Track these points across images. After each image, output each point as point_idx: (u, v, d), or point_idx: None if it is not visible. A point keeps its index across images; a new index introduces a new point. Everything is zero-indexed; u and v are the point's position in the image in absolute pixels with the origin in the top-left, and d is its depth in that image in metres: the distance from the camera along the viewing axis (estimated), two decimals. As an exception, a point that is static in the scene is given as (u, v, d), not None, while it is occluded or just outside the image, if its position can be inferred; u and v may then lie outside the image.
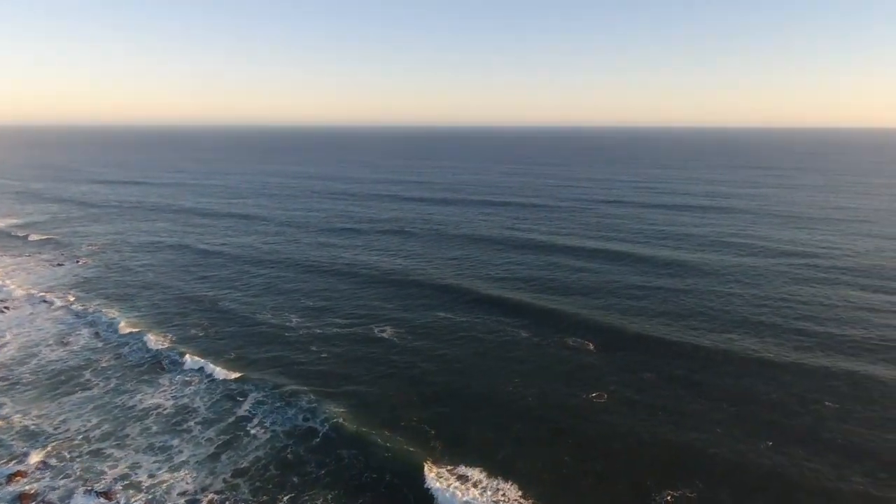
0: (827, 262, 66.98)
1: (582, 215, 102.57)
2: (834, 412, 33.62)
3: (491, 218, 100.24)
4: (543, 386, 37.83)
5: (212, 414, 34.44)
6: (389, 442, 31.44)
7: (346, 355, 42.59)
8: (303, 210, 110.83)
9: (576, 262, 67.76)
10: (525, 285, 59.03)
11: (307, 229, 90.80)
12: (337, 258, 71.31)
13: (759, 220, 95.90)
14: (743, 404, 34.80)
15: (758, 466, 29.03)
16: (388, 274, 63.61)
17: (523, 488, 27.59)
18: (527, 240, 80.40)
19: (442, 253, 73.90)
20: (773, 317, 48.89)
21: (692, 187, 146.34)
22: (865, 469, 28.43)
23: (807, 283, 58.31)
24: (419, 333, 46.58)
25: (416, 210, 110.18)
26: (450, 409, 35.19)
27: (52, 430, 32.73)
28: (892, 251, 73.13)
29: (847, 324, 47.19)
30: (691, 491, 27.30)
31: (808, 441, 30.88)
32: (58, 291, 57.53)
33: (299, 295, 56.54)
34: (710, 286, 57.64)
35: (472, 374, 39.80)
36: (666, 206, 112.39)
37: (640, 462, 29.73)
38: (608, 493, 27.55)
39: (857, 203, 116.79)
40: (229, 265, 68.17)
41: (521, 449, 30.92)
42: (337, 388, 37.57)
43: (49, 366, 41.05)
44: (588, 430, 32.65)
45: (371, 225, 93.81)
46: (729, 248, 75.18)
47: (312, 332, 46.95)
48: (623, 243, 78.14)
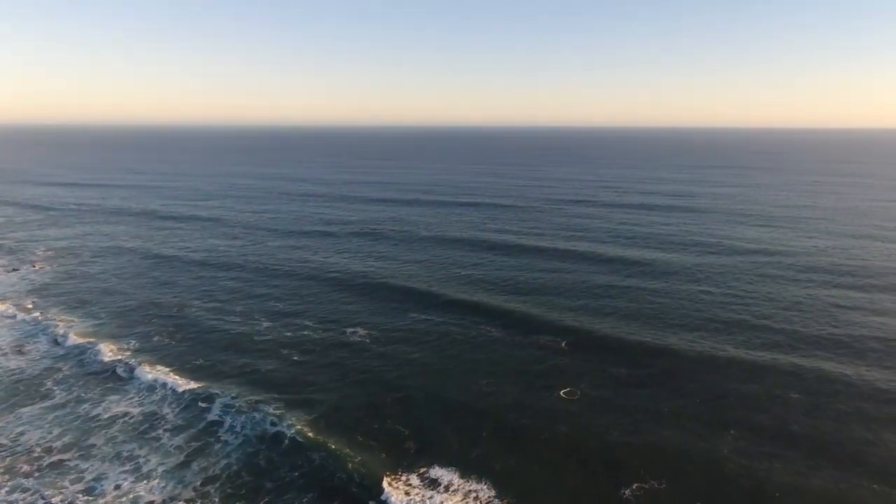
0: (788, 259, 69.32)
1: (552, 215, 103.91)
2: (800, 407, 34.59)
3: (462, 219, 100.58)
4: (517, 385, 38.22)
5: (180, 421, 33.69)
6: (362, 445, 31.30)
7: (316, 360, 42.10)
8: (271, 212, 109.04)
9: (546, 263, 68.46)
10: (496, 287, 59.40)
11: (275, 232, 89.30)
12: (306, 261, 70.39)
13: (723, 219, 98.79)
14: (711, 401, 35.69)
15: (726, 459, 29.94)
16: (358, 277, 63.06)
17: (497, 487, 27.84)
18: (498, 241, 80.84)
19: (413, 255, 73.68)
20: (738, 314, 50.24)
21: (659, 187, 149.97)
22: (832, 462, 29.28)
23: (770, 281, 60.16)
24: (391, 336, 46.44)
25: (386, 211, 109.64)
26: (423, 410, 35.24)
27: (9, 442, 31.49)
28: (848, 248, 76.32)
29: (809, 320, 48.67)
30: (660, 483, 28.06)
31: (775, 436, 31.77)
32: (13, 298, 55.36)
33: (268, 300, 55.49)
34: (677, 285, 59.04)
35: (444, 375, 39.92)
36: (633, 206, 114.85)
37: (612, 457, 30.36)
38: (581, 487, 28.07)
39: (813, 201, 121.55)
40: (194, 270, 66.50)
41: (495, 448, 31.17)
42: (308, 394, 37.14)
43: (5, 376, 39.48)
44: (561, 427, 33.12)
45: (341, 227, 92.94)
46: (694, 247, 77.15)
47: (282, 337, 46.30)
48: (592, 243, 79.46)
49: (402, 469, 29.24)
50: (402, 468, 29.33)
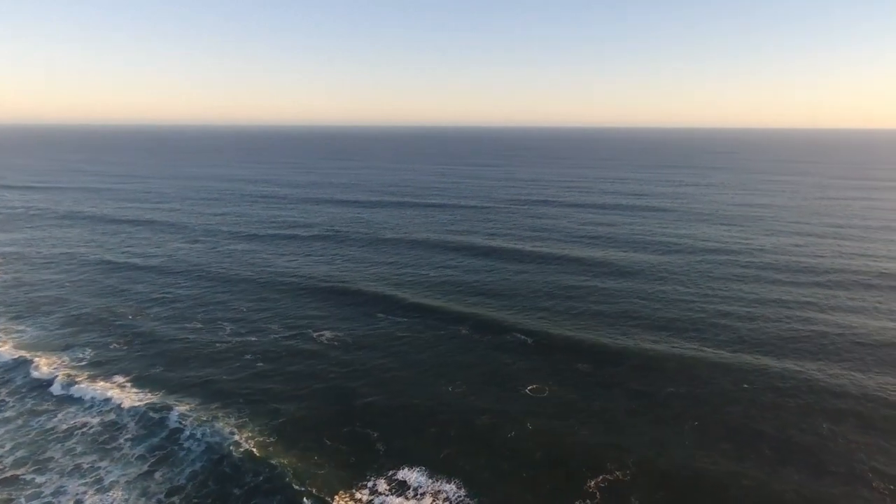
0: (746, 258, 71.77)
1: (517, 216, 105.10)
2: (761, 404, 35.77)
3: (429, 220, 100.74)
4: (484, 385, 38.74)
5: (142, 430, 32.86)
6: (331, 449, 31.23)
7: (281, 366, 41.47)
8: (233, 215, 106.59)
9: (513, 265, 69.05)
10: (463, 289, 59.63)
11: (238, 235, 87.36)
12: (270, 266, 69.05)
13: (684, 218, 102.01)
14: (674, 397, 36.81)
15: (688, 453, 31.17)
16: (323, 281, 62.23)
17: (466, 487, 28.21)
18: (464, 243, 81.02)
19: (379, 257, 73.27)
20: (699, 313, 51.51)
21: (621, 186, 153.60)
22: (793, 457, 30.27)
23: (729, 280, 62.14)
24: (357, 341, 46.21)
25: (352, 213, 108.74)
26: (391, 413, 35.30)
27: (-44, 459, 30.16)
28: (802, 246, 79.89)
29: (768, 318, 50.13)
30: (624, 475, 29.03)
31: (735, 431, 32.82)
32: (-42, 308, 52.81)
33: (229, 306, 54.12)
34: (640, 285, 60.29)
35: (412, 377, 40.09)
36: (597, 206, 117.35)
37: (578, 451, 31.17)
38: (548, 481, 28.71)
39: (769, 200, 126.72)
40: (152, 276, 64.32)
41: (464, 448, 31.54)
42: (273, 400, 36.67)
43: (-49, 390, 37.69)
44: (528, 424, 33.77)
45: (305, 230, 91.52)
46: (656, 246, 79.27)
47: (245, 344, 45.52)
48: (557, 244, 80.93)
49: (370, 472, 29.30)
50: (371, 471, 29.38)
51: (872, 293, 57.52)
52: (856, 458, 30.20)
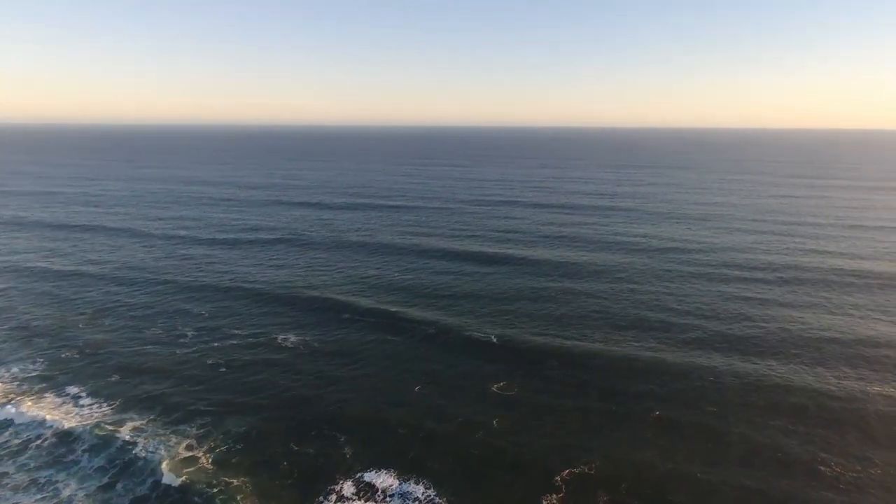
0: (704, 257, 73.95)
1: (482, 218, 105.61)
2: (716, 401, 36.72)
3: (393, 222, 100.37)
4: (451, 385, 39.00)
5: (99, 442, 31.80)
6: (298, 454, 30.94)
7: (244, 373, 40.75)
8: (192, 218, 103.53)
9: (476, 267, 68.98)
10: (428, 291, 59.51)
11: (196, 240, 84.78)
12: (230, 272, 67.05)
13: (644, 218, 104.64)
14: (637, 396, 37.74)
15: (650, 448, 32.21)
16: (286, 286, 60.86)
17: (434, 486, 28.37)
18: (428, 245, 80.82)
19: (343, 262, 72.24)
20: (660, 312, 52.61)
21: (584, 186, 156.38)
22: (742, 455, 31.19)
23: (688, 278, 63.92)
24: (323, 346, 45.76)
25: (314, 216, 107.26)
26: (358, 416, 35.13)
27: None
28: (755, 244, 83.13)
29: (725, 316, 51.41)
30: (589, 468, 29.72)
31: (694, 429, 33.67)
32: None
33: (188, 314, 52.57)
34: (602, 285, 61.19)
35: (378, 380, 40.02)
36: (560, 206, 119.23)
37: (545, 446, 31.73)
38: (516, 476, 29.12)
39: (725, 199, 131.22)
40: (105, 285, 61.71)
41: (431, 448, 31.69)
42: (237, 407, 36.14)
43: None
44: (495, 421, 34.19)
45: (267, 233, 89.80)
46: (618, 246, 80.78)
47: (206, 352, 44.56)
48: (521, 245, 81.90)
49: (338, 476, 29.12)
50: (339, 475, 29.20)
51: (827, 290, 59.75)
52: (816, 453, 31.42)
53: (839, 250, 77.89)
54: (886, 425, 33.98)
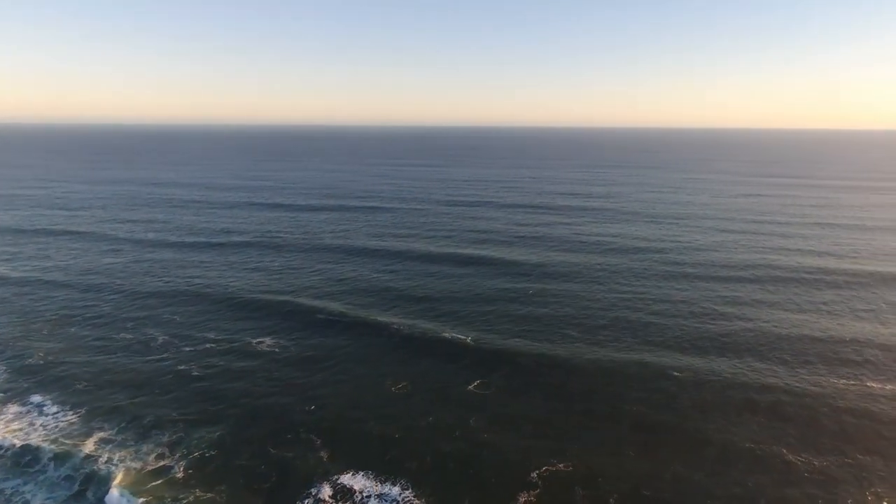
0: (674, 256, 75.23)
1: (455, 219, 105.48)
2: (689, 400, 37.23)
3: (366, 224, 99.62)
4: (427, 386, 39.00)
5: (65, 451, 30.89)
6: (275, 457, 30.61)
7: (217, 380, 39.95)
8: (160, 222, 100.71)
9: (453, 269, 68.36)
10: (401, 294, 58.91)
11: (164, 245, 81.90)
12: (199, 277, 65.16)
13: (615, 218, 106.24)
14: (610, 396, 38.15)
15: (626, 445, 32.75)
16: (259, 290, 59.78)
17: (412, 487, 28.36)
18: (402, 247, 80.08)
19: (316, 265, 70.90)
20: (631, 313, 52.99)
21: (556, 187, 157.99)
22: (718, 451, 31.49)
23: (659, 279, 64.79)
24: (297, 349, 45.23)
25: (286, 218, 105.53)
26: (334, 419, 34.91)
27: None
28: (722, 243, 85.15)
29: (697, 316, 52.01)
30: (566, 466, 30.06)
31: (668, 429, 34.00)
32: None
33: (158, 320, 51.25)
34: (574, 287, 61.20)
35: (354, 382, 39.80)
36: (533, 207, 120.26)
37: (521, 444, 31.99)
38: (493, 474, 29.28)
39: (692, 198, 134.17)
40: (70, 292, 59.49)
41: (409, 448, 31.67)
42: (211, 414, 35.55)
43: None
44: (472, 421, 34.35)
45: (239, 237, 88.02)
46: (589, 247, 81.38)
47: (177, 357, 43.73)
48: (494, 246, 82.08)
49: (316, 479, 28.88)
50: (316, 478, 28.97)
51: (796, 287, 61.14)
52: (789, 449, 32.24)
53: (806, 248, 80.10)
54: (858, 419, 34.79)
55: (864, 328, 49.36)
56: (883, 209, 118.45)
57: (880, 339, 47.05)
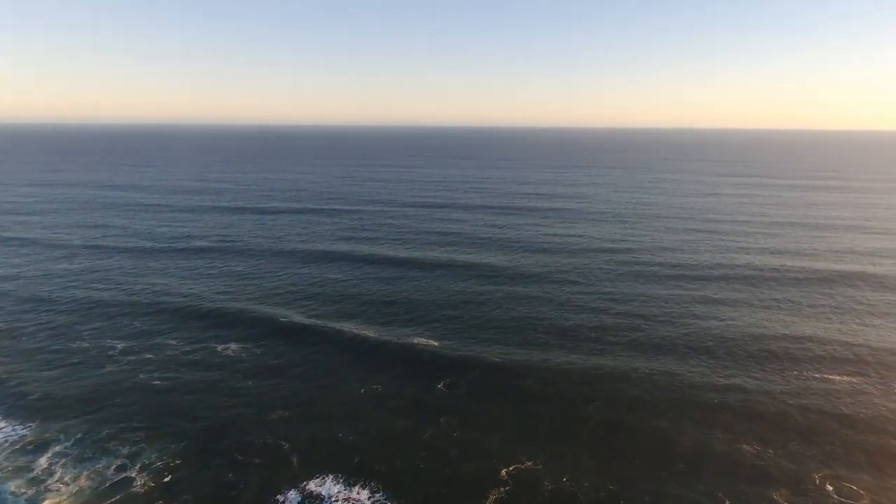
0: (643, 256, 76.23)
1: (421, 221, 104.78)
2: (653, 399, 38.10)
3: (332, 228, 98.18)
4: (396, 389, 38.89)
5: (19, 466, 29.60)
6: (243, 464, 29.95)
7: (180, 387, 39.06)
8: (115, 227, 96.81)
9: (416, 273, 67.50)
10: (368, 298, 58.26)
11: (121, 252, 78.73)
12: (158, 284, 62.75)
13: (581, 219, 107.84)
14: (575, 396, 38.90)
15: (591, 440, 33.33)
16: (221, 298, 58.02)
17: (382, 489, 28.18)
18: (367, 251, 78.89)
19: (280, 270, 68.99)
20: (598, 314, 53.55)
21: (523, 188, 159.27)
22: (674, 454, 31.94)
23: (625, 280, 65.75)
24: (264, 354, 44.43)
25: (248, 222, 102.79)
26: (303, 421, 34.50)
27: None
28: (685, 242, 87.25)
29: (659, 317, 52.68)
30: (535, 463, 30.34)
31: (628, 431, 34.77)
32: None
33: (117, 326, 49.79)
34: (540, 289, 61.08)
35: (323, 385, 39.44)
36: (501, 208, 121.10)
37: (490, 442, 32.19)
38: (463, 473, 29.34)
39: (653, 198, 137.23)
40: (21, 301, 56.69)
41: (379, 450, 31.47)
42: (173, 422, 34.62)
43: None
44: (441, 419, 34.40)
45: (199, 242, 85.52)
46: (555, 248, 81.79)
47: (138, 364, 42.53)
48: (461, 249, 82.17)
49: (284, 485, 28.38)
50: (285, 483, 28.46)
51: (753, 285, 62.87)
52: (741, 444, 33.57)
53: (767, 247, 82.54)
54: (804, 415, 35.95)
55: (824, 325, 50.64)
56: (837, 208, 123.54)
57: (838, 335, 48.50)
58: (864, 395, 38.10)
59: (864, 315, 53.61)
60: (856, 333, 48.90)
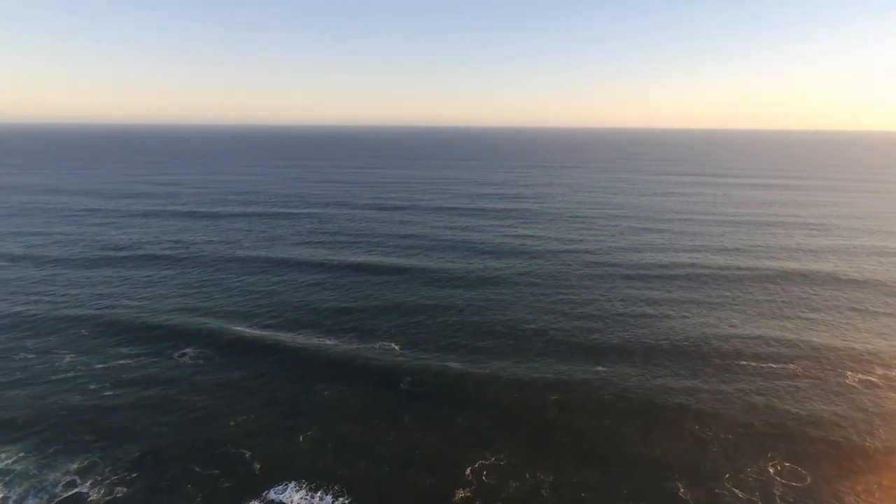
0: (598, 257, 77.43)
1: (377, 224, 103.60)
2: (599, 400, 39.46)
3: (289, 232, 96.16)
4: (358, 389, 38.66)
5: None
6: (201, 476, 29.12)
7: (134, 397, 37.88)
8: (58, 235, 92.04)
9: (378, 278, 66.08)
10: (326, 306, 57.43)
11: (61, 262, 74.53)
12: (105, 297, 59.56)
13: (539, 220, 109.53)
14: (533, 397, 39.83)
15: (549, 441, 33.69)
16: (172, 308, 55.71)
17: (348, 492, 27.98)
18: (324, 258, 77.67)
19: (235, 278, 66.28)
20: (555, 316, 54.62)
21: (481, 188, 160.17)
22: (625, 451, 33.48)
23: (583, 281, 66.80)
24: (221, 363, 43.39)
25: (201, 227, 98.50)
26: (263, 429, 33.84)
27: None
28: (645, 243, 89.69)
29: (615, 320, 53.71)
30: (499, 459, 30.76)
31: (585, 426, 36.36)
32: None
33: (65, 335, 47.74)
34: (497, 293, 60.92)
35: (284, 391, 38.76)
36: (459, 210, 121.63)
37: (457, 438, 32.52)
38: (427, 475, 29.43)
39: (609, 199, 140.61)
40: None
41: (341, 454, 31.23)
42: (127, 434, 33.44)
43: None
44: (405, 419, 34.41)
45: (151, 249, 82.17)
46: (516, 251, 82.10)
47: (87, 375, 40.87)
48: (422, 253, 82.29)
49: (246, 494, 27.78)
50: (247, 493, 27.85)
51: (702, 285, 64.90)
52: (702, 463, 34.61)
53: (714, 246, 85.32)
54: (752, 411, 37.92)
55: (767, 322, 52.62)
56: (778, 206, 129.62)
57: (782, 331, 50.63)
58: (808, 390, 39.77)
59: (806, 311, 56.25)
60: (801, 330, 50.74)
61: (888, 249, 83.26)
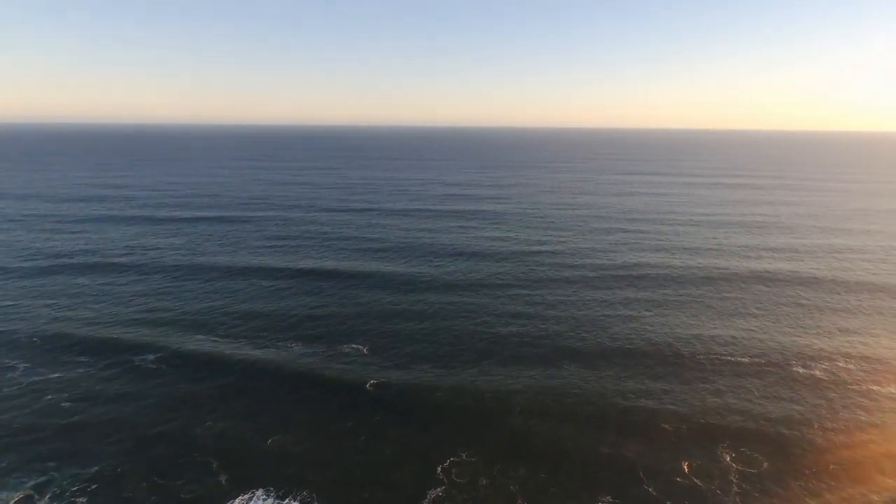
0: (567, 259, 77.93)
1: (342, 227, 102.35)
2: (577, 406, 39.94)
3: (253, 236, 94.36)
4: (324, 398, 38.30)
5: None
6: (165, 488, 28.48)
7: (92, 407, 36.87)
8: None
9: (343, 284, 65.43)
10: (292, 313, 56.40)
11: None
12: (50, 310, 56.84)
13: (505, 221, 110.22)
14: (501, 397, 40.46)
15: (515, 439, 34.17)
16: (129, 319, 53.88)
17: (318, 499, 27.82)
18: (291, 264, 76.87)
19: (196, 286, 64.40)
20: (525, 320, 54.77)
21: (447, 189, 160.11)
22: (591, 450, 34.25)
23: (548, 284, 67.28)
24: (183, 372, 42.39)
25: (159, 232, 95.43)
26: (230, 436, 33.34)
27: None
28: (608, 244, 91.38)
29: (581, 323, 54.18)
30: (469, 456, 31.27)
31: (550, 425, 36.86)
32: None
33: (16, 345, 45.95)
34: (464, 298, 60.45)
35: (249, 400, 38.20)
36: (425, 211, 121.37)
37: (426, 437, 32.81)
38: (400, 476, 29.57)
39: (578, 200, 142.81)
40: None
41: (312, 458, 31.07)
42: (85, 446, 32.47)
43: None
44: (376, 417, 34.46)
45: (99, 257, 78.87)
46: (483, 254, 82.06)
47: (42, 385, 39.44)
48: (388, 256, 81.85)
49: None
50: (213, 503, 27.38)
51: (669, 285, 65.93)
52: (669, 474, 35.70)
53: (680, 245, 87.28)
54: (715, 411, 39.31)
55: (735, 322, 54.05)
56: (743, 205, 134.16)
57: (749, 329, 52.15)
58: (770, 386, 41.24)
59: (768, 308, 58.47)
60: (763, 330, 52.26)
61: (845, 247, 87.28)
